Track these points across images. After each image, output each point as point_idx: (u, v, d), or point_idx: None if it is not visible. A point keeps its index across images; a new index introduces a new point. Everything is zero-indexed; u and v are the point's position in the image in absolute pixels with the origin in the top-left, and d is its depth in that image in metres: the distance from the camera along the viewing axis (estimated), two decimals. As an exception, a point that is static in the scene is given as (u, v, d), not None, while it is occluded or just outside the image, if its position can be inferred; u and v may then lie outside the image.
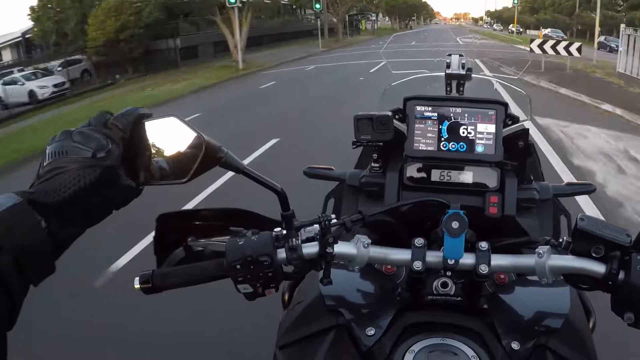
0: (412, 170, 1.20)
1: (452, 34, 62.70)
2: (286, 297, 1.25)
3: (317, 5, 35.07)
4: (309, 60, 26.87)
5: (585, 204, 4.95)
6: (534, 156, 1.30)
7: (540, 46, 16.82)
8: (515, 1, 48.01)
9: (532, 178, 1.25)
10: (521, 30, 64.14)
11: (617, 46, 35.14)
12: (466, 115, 1.20)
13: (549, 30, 56.01)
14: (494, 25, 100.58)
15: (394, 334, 0.92)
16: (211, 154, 0.82)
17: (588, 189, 1.41)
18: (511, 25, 78.81)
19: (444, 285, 1.02)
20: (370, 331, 0.93)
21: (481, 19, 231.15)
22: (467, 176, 1.19)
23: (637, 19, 55.80)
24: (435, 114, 1.21)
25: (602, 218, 1.28)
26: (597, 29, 20.63)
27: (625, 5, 65.47)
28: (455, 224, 0.88)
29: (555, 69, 16.85)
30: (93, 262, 4.06)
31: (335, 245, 0.88)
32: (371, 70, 18.88)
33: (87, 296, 3.80)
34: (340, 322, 0.96)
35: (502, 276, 1.08)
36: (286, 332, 1.02)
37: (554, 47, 16.61)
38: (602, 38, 44.18)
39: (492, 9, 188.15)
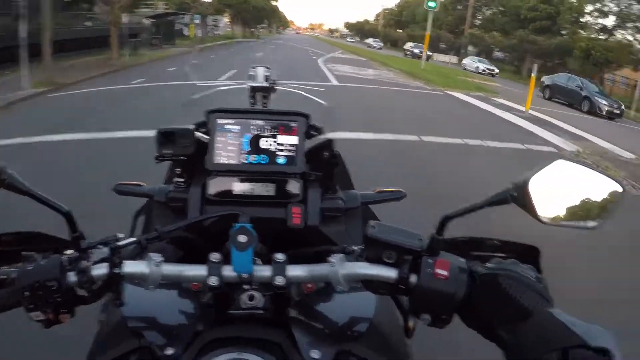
0: (214, 184, 1.19)
1: (311, 52, 42.40)
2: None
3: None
4: None
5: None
6: (342, 166, 1.31)
7: None
8: (432, 3, 28.07)
9: (337, 188, 1.26)
10: (430, 54, 43.81)
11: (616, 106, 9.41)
12: (268, 127, 1.21)
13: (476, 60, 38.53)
14: (372, 41, 79.64)
15: (193, 351, 0.90)
16: None
17: (397, 196, 1.39)
18: (409, 44, 57.77)
19: (251, 298, 1.00)
20: (169, 350, 0.92)
21: (337, 30, 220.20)
22: (269, 188, 1.19)
23: (574, 46, 40.59)
24: (238, 127, 1.21)
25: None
26: None
27: (531, 27, 50.06)
28: (242, 238, 0.88)
29: None
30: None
31: (124, 265, 0.86)
32: None
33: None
34: (142, 344, 0.94)
35: (309, 285, 1.09)
36: (91, 357, 1.01)
37: None
38: (546, 79, 26.28)
39: (351, 20, 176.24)
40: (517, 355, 0.74)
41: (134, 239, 0.91)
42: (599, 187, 0.86)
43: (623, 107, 22.50)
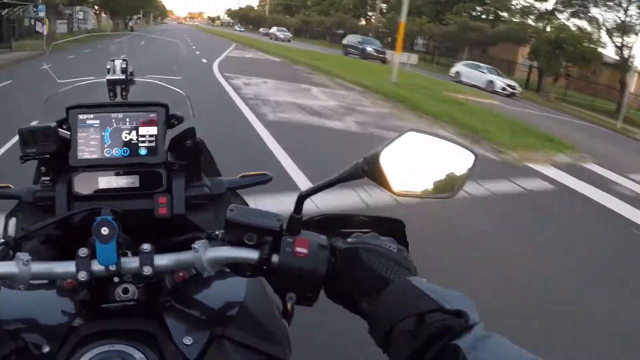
0: (80, 180, 1.18)
1: (197, 50, 29.62)
2: None
3: None
4: None
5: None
6: (206, 154, 1.31)
7: None
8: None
9: (202, 175, 1.26)
10: (385, 54, 29.84)
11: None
12: (128, 119, 1.19)
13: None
14: (276, 30, 60.63)
15: (68, 347, 0.89)
16: None
17: (263, 179, 1.39)
18: (353, 37, 40.61)
19: (125, 291, 1.01)
20: (46, 348, 0.91)
21: (218, 18, 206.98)
22: (134, 180, 1.18)
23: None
24: (98, 121, 1.19)
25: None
26: None
27: (454, 11, 41.52)
28: (104, 230, 0.87)
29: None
30: None
31: None
32: None
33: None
34: (19, 346, 0.92)
35: (180, 274, 1.08)
36: None
37: None
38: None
39: (232, 8, 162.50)
40: (377, 324, 0.73)
41: (1, 240, 0.90)
42: (452, 156, 0.85)
43: None
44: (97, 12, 64.04)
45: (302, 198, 0.85)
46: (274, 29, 61.95)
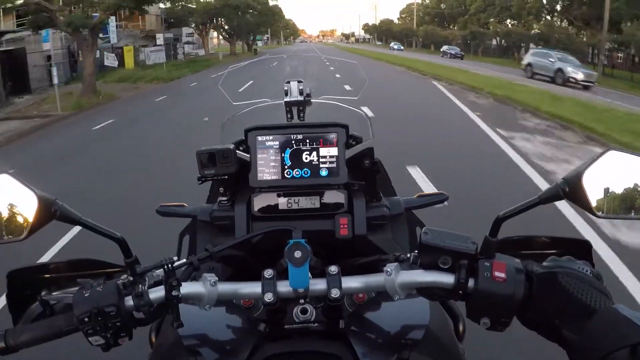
0: (259, 201, 1.16)
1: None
2: (153, 339, 1.16)
3: None
4: None
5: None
6: (383, 173, 1.26)
7: None
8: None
9: (381, 195, 1.22)
10: None
11: None
12: (308, 140, 1.17)
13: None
14: (564, 63, 22.24)
15: None
16: (45, 209, 0.81)
17: (440, 199, 1.32)
18: None
19: (304, 311, 0.98)
20: None
21: (352, 35, 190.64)
22: (314, 201, 1.15)
23: None
24: (277, 143, 1.17)
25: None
26: None
27: None
28: (297, 253, 0.85)
29: None
30: None
31: (181, 287, 0.84)
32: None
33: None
34: None
35: (360, 295, 1.06)
36: None
37: None
38: None
39: (369, 22, 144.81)
40: (582, 354, 0.70)
41: (187, 261, 0.89)
42: None
43: None
44: (203, 32, 47.39)
45: (499, 221, 0.81)
46: (532, 56, 25.58)
